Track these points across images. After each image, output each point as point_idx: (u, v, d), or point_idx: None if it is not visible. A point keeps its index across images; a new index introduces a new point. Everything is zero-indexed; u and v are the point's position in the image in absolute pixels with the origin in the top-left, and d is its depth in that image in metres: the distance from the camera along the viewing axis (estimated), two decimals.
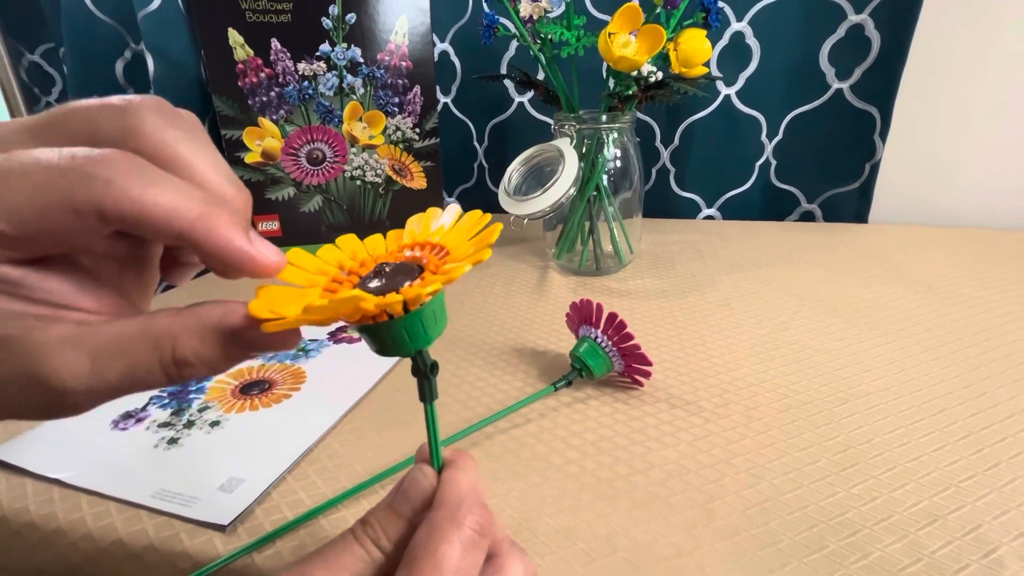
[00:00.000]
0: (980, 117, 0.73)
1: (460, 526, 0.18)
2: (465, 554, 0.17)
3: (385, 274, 0.18)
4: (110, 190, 0.13)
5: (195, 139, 0.16)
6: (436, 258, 0.18)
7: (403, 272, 0.18)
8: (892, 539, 0.26)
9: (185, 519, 0.28)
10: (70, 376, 0.14)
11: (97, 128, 0.14)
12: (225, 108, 0.59)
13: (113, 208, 0.13)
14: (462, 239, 0.19)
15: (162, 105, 0.16)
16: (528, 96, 0.83)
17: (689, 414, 0.36)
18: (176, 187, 0.14)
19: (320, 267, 0.19)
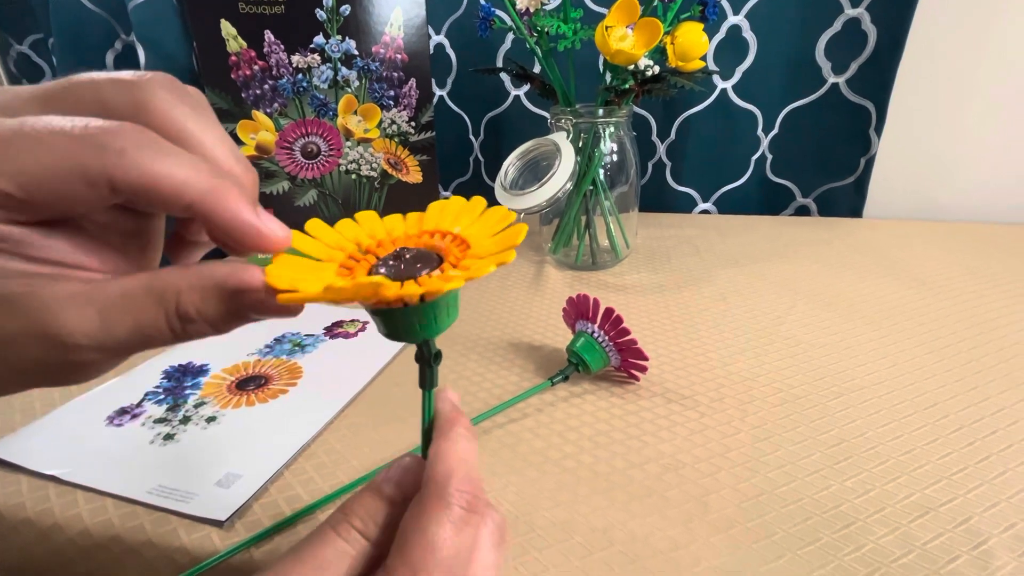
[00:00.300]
0: (974, 112, 0.73)
1: (449, 505, 0.17)
2: (457, 533, 0.17)
3: (404, 259, 0.17)
4: (122, 160, 0.13)
5: (203, 115, 0.16)
6: (457, 250, 0.18)
7: (423, 259, 0.17)
8: (884, 531, 0.26)
9: (182, 515, 0.28)
10: (79, 331, 0.14)
11: (106, 101, 0.14)
12: (218, 101, 0.58)
13: (124, 178, 0.13)
14: (484, 234, 0.18)
15: (171, 81, 0.16)
16: (524, 89, 0.83)
17: (685, 408, 0.36)
18: (187, 160, 0.14)
19: (338, 241, 0.19)
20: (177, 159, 0.14)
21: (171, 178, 0.14)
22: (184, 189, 0.14)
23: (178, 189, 0.14)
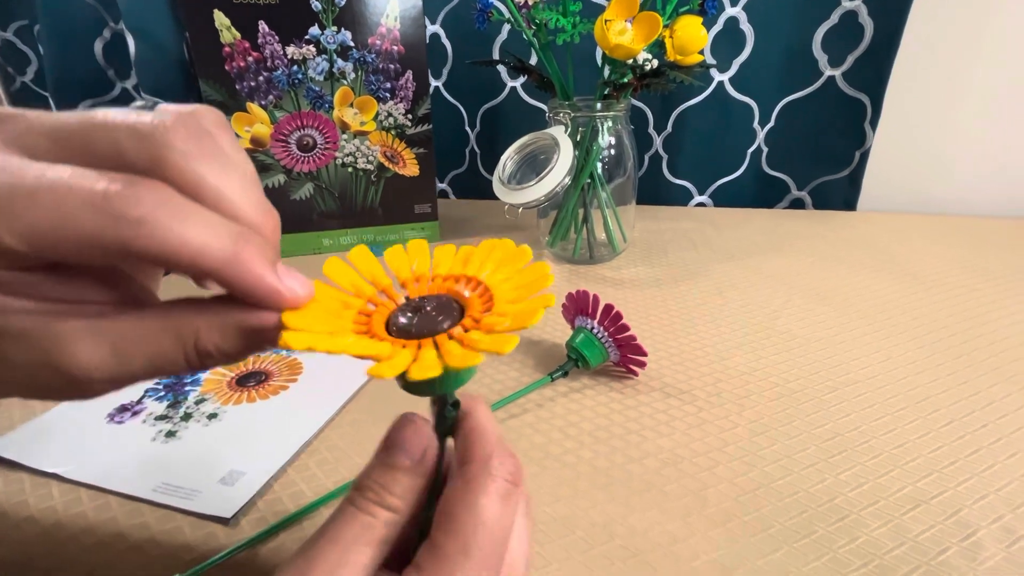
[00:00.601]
0: (969, 107, 0.73)
1: (495, 478, 0.17)
2: (504, 505, 0.17)
3: (424, 312, 0.17)
4: (139, 231, 0.13)
5: (225, 165, 0.15)
6: (479, 301, 0.18)
7: (443, 311, 0.17)
8: (878, 523, 0.27)
9: (187, 512, 0.28)
10: (92, 364, 0.14)
11: (123, 153, 0.14)
12: (212, 93, 0.57)
13: (140, 248, 0.13)
14: (508, 282, 0.18)
15: (191, 126, 0.15)
16: (521, 81, 0.83)
17: (683, 403, 0.37)
18: (205, 223, 0.14)
19: (356, 283, 0.19)
20: (195, 223, 0.14)
21: (188, 246, 0.14)
22: (203, 258, 0.14)
23: (196, 258, 0.14)
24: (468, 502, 0.17)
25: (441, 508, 0.17)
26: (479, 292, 0.19)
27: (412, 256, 0.21)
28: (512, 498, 0.17)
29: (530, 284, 0.18)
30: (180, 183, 0.14)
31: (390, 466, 0.18)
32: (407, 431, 0.18)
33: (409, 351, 0.16)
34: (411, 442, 0.18)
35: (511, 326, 0.16)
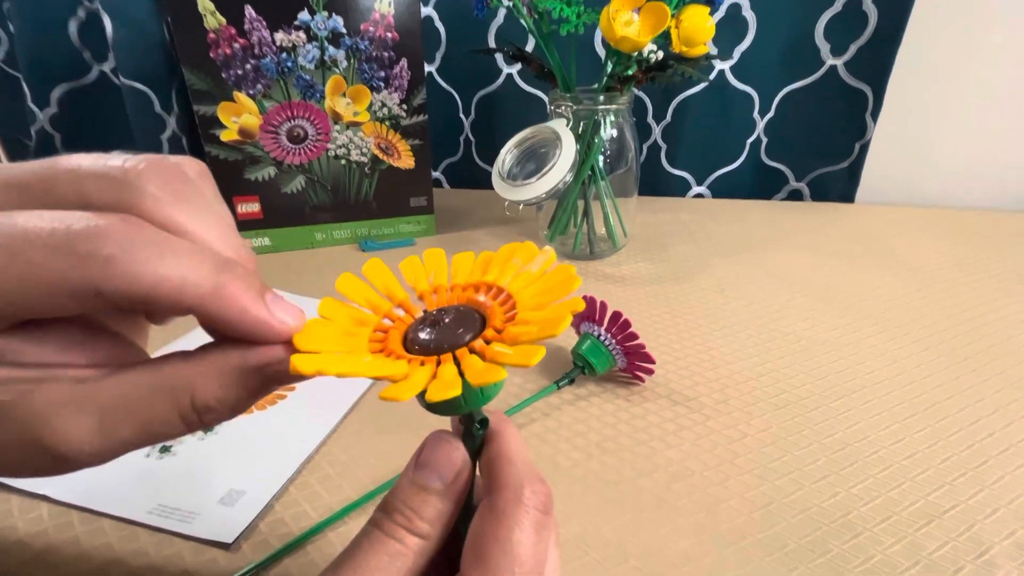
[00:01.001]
0: (972, 99, 0.73)
1: (528, 509, 0.16)
2: (538, 538, 0.16)
3: (443, 324, 0.16)
4: (110, 270, 0.12)
5: (203, 211, 0.14)
6: (501, 310, 0.17)
7: (464, 323, 0.16)
8: (892, 540, 0.27)
9: (186, 537, 0.27)
10: (77, 440, 0.13)
11: (89, 199, 0.13)
12: (197, 81, 0.55)
13: (114, 290, 0.12)
14: (531, 288, 0.17)
15: (165, 170, 0.14)
16: (518, 68, 0.80)
17: (690, 411, 0.36)
18: (183, 253, 0.13)
19: (371, 299, 0.18)
20: (172, 257, 0.13)
21: (167, 283, 0.13)
22: (183, 294, 0.13)
23: (176, 294, 0.13)
24: (501, 537, 0.16)
25: (472, 542, 0.16)
26: (500, 300, 0.18)
27: (429, 266, 0.20)
28: (545, 530, 0.16)
29: (555, 288, 0.17)
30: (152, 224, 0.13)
31: (421, 488, 0.17)
32: (440, 451, 0.17)
33: (427, 368, 0.15)
34: (444, 463, 0.17)
35: (536, 335, 0.15)
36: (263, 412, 0.36)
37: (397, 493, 0.17)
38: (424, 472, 0.17)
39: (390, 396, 0.14)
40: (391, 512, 0.17)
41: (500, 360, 0.14)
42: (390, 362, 0.15)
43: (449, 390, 0.13)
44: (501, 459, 0.17)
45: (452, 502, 0.17)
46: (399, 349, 0.16)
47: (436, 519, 0.17)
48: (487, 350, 0.15)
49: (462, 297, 0.19)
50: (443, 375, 0.14)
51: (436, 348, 0.16)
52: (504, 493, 0.16)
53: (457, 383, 0.14)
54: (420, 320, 0.17)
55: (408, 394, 0.14)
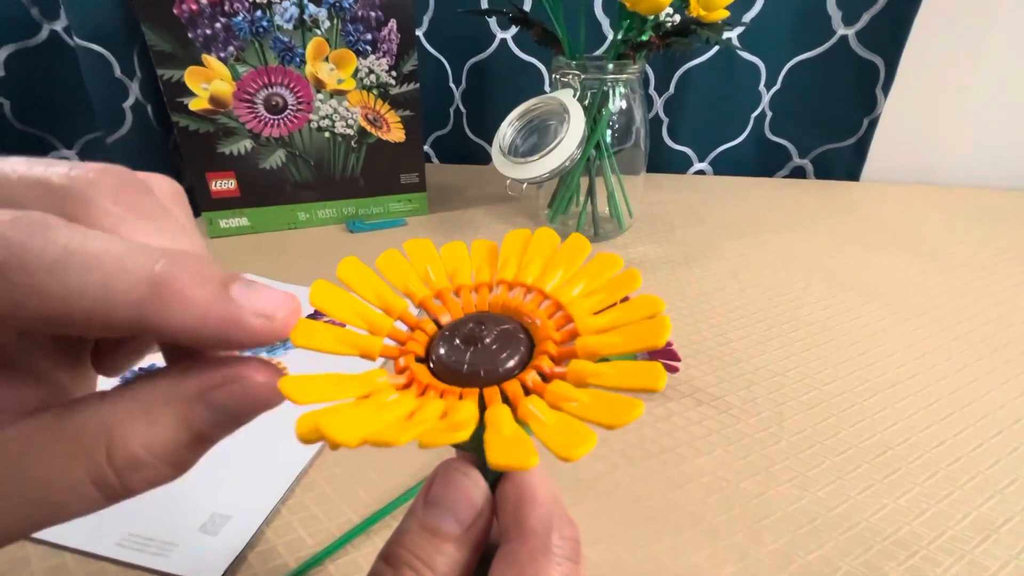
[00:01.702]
0: (988, 73, 0.70)
1: (558, 560, 0.13)
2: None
3: (482, 346, 0.13)
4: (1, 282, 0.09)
5: (168, 234, 0.11)
6: (552, 325, 0.13)
7: (506, 342, 0.13)
8: (950, 560, 0.25)
9: (163, 573, 0.24)
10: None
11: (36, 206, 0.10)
12: (159, 42, 0.49)
13: (9, 308, 0.09)
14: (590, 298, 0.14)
15: (121, 181, 0.11)
16: (512, 32, 0.75)
17: (718, 412, 0.34)
18: (104, 253, 0.09)
19: (377, 292, 0.15)
20: (87, 258, 0.09)
21: (84, 294, 0.09)
22: (110, 305, 0.09)
23: (101, 308, 0.09)
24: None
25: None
26: (547, 310, 0.14)
27: (424, 257, 0.16)
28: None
29: (609, 290, 0.14)
30: None
31: (432, 533, 0.14)
32: (455, 487, 0.14)
33: (467, 408, 0.11)
34: (461, 502, 0.14)
35: (629, 384, 0.11)
36: None
37: (404, 540, 0.14)
38: (436, 513, 0.14)
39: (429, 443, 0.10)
40: (398, 566, 0.13)
41: (583, 416, 0.11)
42: (428, 424, 0.11)
43: (515, 447, 0.10)
44: (524, 497, 0.14)
45: (471, 550, 0.14)
46: (419, 369, 0.13)
47: (452, 572, 0.13)
48: (557, 396, 0.11)
49: (493, 302, 0.15)
50: (498, 425, 0.11)
51: (474, 378, 0.12)
52: (529, 541, 0.13)
53: (521, 437, 0.10)
54: (445, 332, 0.14)
55: (452, 439, 0.10)
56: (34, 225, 0.09)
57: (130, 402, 0.11)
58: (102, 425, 0.10)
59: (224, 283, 0.10)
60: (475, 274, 0.16)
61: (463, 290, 0.15)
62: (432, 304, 0.15)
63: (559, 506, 0.14)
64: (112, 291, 0.09)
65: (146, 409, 0.11)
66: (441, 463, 0.14)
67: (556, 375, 0.12)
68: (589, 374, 0.12)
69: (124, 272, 0.09)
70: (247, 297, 0.11)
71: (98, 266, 0.09)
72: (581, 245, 0.16)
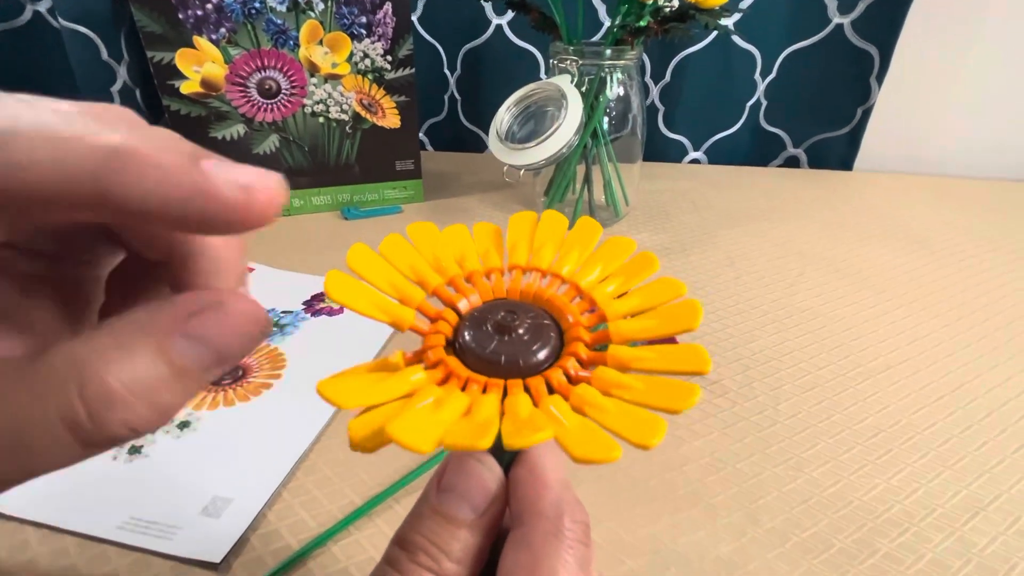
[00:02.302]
0: (982, 64, 0.70)
1: (570, 543, 0.13)
2: (582, 573, 0.13)
3: (511, 337, 0.12)
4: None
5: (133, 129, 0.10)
6: (583, 321, 0.13)
7: (534, 336, 0.13)
8: (940, 537, 0.25)
9: (166, 556, 0.24)
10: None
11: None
12: (148, 23, 0.47)
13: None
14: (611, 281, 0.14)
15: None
16: (507, 18, 0.74)
17: (714, 395, 0.34)
18: (58, 116, 0.09)
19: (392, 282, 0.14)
20: (36, 119, 0.09)
21: (34, 165, 0.08)
22: (64, 170, 0.08)
23: (51, 183, 0.08)
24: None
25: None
26: (568, 294, 0.14)
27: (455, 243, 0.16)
28: (590, 560, 0.14)
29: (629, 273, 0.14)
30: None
31: (448, 519, 0.14)
32: (469, 472, 0.14)
33: (491, 402, 0.11)
34: (475, 488, 0.14)
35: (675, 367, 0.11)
36: (247, 404, 0.32)
37: (418, 526, 0.14)
38: (450, 499, 0.14)
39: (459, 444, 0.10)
40: (413, 551, 0.13)
41: (614, 429, 0.10)
42: (489, 412, 0.11)
43: (534, 433, 0.10)
44: (535, 481, 0.14)
45: (485, 535, 0.14)
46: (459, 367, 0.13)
47: (466, 556, 0.14)
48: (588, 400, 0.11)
49: (520, 290, 0.15)
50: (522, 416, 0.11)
51: (506, 369, 0.12)
52: (541, 525, 0.13)
53: (541, 423, 0.10)
54: (469, 319, 0.13)
55: (481, 441, 0.10)
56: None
57: (105, 337, 0.10)
58: (74, 360, 0.09)
59: (194, 155, 0.09)
60: (483, 259, 0.15)
61: (476, 276, 0.15)
62: (447, 292, 0.15)
63: (569, 491, 0.14)
64: (65, 161, 0.08)
65: (121, 342, 0.09)
66: (450, 458, 0.14)
67: (582, 378, 0.12)
68: (632, 359, 0.12)
69: (79, 141, 0.09)
70: (221, 169, 0.09)
71: (50, 136, 0.08)
72: (592, 228, 0.16)
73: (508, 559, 0.13)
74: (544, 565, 0.13)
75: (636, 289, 0.14)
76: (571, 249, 0.15)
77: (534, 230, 0.16)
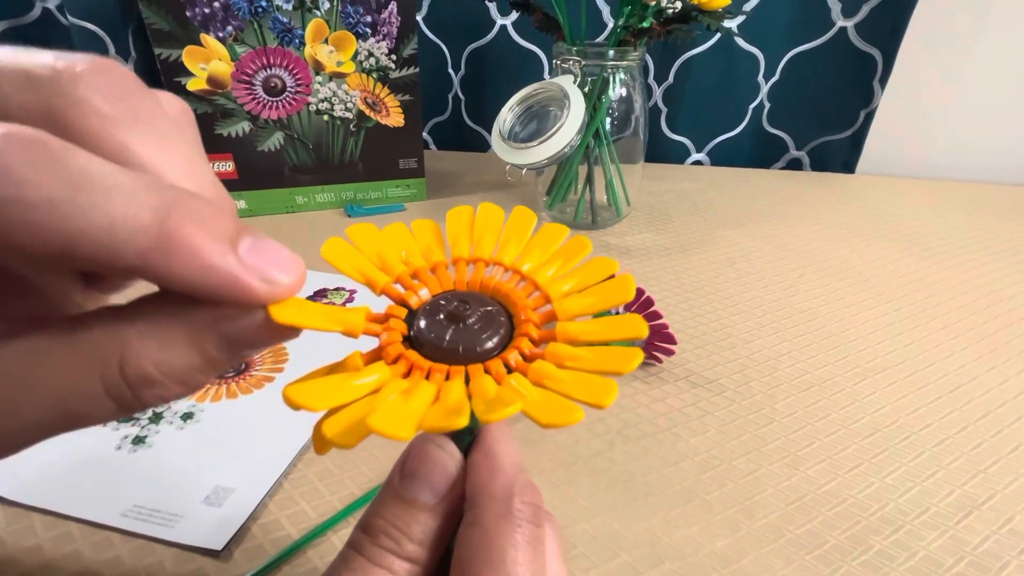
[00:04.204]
0: (985, 68, 0.70)
1: (519, 524, 0.14)
2: (535, 554, 0.14)
3: (459, 328, 0.13)
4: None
5: (163, 137, 0.10)
6: (530, 304, 0.14)
7: (487, 323, 0.13)
8: (933, 535, 0.26)
9: (168, 543, 0.24)
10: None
11: (20, 106, 0.09)
12: (157, 20, 0.48)
13: (5, 245, 0.08)
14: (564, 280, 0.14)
15: (114, 76, 0.10)
16: (512, 19, 0.74)
17: (712, 394, 0.34)
18: (114, 190, 0.09)
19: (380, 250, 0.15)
20: (96, 194, 0.09)
21: (88, 234, 0.09)
22: (114, 250, 0.09)
23: (104, 252, 0.09)
24: (494, 562, 0.13)
25: (459, 569, 0.13)
26: (524, 288, 0.15)
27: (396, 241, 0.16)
28: (542, 544, 0.14)
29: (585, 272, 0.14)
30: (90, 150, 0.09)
31: (408, 503, 0.14)
32: (431, 458, 0.14)
33: (458, 386, 0.12)
34: (436, 473, 0.14)
35: (602, 367, 0.12)
36: (249, 396, 0.33)
37: (380, 510, 0.14)
38: (413, 484, 0.14)
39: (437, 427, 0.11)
40: (375, 534, 0.14)
41: (572, 396, 0.11)
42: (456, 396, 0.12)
43: (505, 407, 0.10)
44: (489, 464, 0.14)
45: (446, 518, 0.14)
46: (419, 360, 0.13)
47: (427, 539, 0.14)
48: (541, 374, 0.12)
49: (471, 281, 0.15)
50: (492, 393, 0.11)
51: (465, 356, 0.13)
52: (492, 506, 0.14)
53: (509, 398, 0.11)
54: (424, 309, 0.14)
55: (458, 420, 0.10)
56: (30, 147, 0.08)
57: (144, 324, 0.10)
58: (116, 341, 0.10)
59: (232, 238, 0.10)
60: (425, 255, 0.16)
61: (422, 271, 0.15)
62: (396, 290, 0.15)
63: (522, 474, 0.15)
64: (117, 236, 0.09)
65: (159, 331, 0.10)
66: (415, 438, 0.15)
67: (536, 355, 0.13)
68: (580, 332, 0.12)
69: (131, 216, 0.09)
70: (255, 257, 0.10)
71: (104, 204, 0.09)
72: (527, 217, 0.16)
73: (461, 540, 0.14)
74: (494, 545, 0.13)
75: (574, 270, 0.14)
76: (509, 239, 0.15)
77: (472, 223, 0.16)
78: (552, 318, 0.14)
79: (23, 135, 0.08)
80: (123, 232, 0.09)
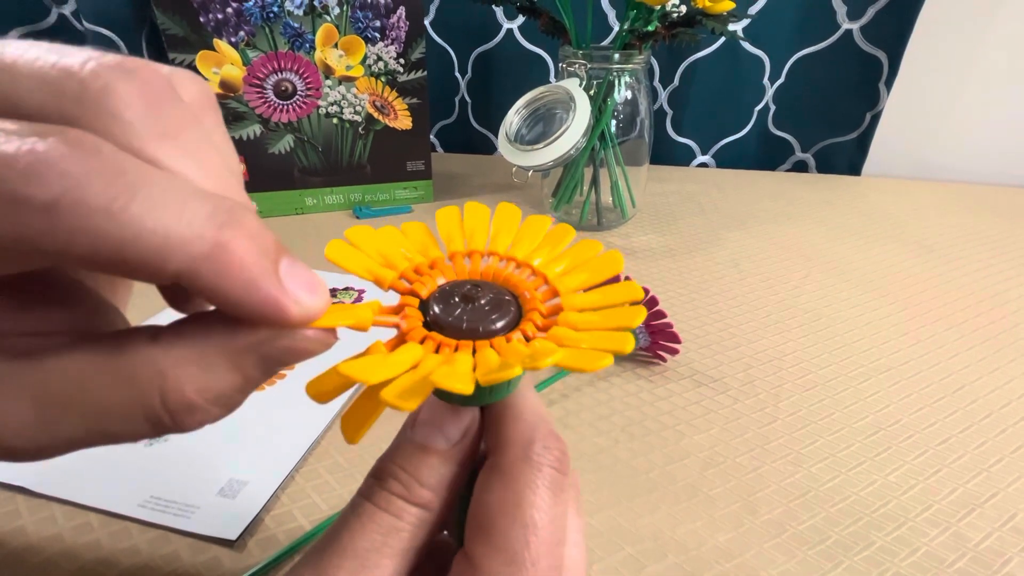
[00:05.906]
0: (991, 70, 0.70)
1: (540, 467, 0.13)
2: (555, 502, 0.13)
3: (474, 307, 0.14)
4: (54, 221, 0.08)
5: (196, 151, 0.11)
6: (539, 295, 0.14)
7: (496, 307, 0.14)
8: (935, 532, 0.26)
9: (184, 532, 0.25)
10: (8, 431, 0.10)
11: (22, 106, 0.09)
12: (171, 25, 0.49)
13: (61, 249, 0.09)
14: (573, 276, 0.15)
15: (144, 83, 0.10)
16: (518, 23, 0.75)
17: (716, 392, 0.35)
18: (170, 198, 0.09)
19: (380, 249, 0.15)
20: (152, 201, 0.09)
21: (143, 240, 0.09)
22: (166, 257, 0.09)
23: (157, 258, 0.09)
24: (510, 503, 0.13)
25: (475, 512, 0.13)
26: (536, 285, 0.15)
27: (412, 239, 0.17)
28: (564, 491, 0.14)
29: (592, 269, 0.15)
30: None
31: (420, 448, 0.14)
32: (444, 408, 0.14)
33: (492, 354, 0.12)
34: (449, 419, 0.14)
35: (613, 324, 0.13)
36: (262, 393, 0.33)
37: (392, 456, 0.14)
38: (425, 430, 0.14)
39: (491, 379, 0.11)
40: (385, 479, 0.14)
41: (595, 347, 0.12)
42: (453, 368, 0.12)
43: (547, 356, 0.11)
44: (507, 413, 0.14)
45: (458, 464, 0.14)
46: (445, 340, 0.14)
47: (439, 485, 0.14)
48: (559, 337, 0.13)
49: (485, 271, 0.16)
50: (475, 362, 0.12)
51: (474, 332, 0.13)
52: (511, 451, 0.13)
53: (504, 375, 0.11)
54: (439, 294, 0.14)
55: (509, 372, 0.11)
56: (89, 152, 0.08)
57: (184, 349, 0.11)
58: (156, 370, 0.10)
59: (275, 259, 0.10)
60: (423, 253, 0.16)
61: (422, 266, 0.16)
62: (402, 284, 0.15)
63: (545, 423, 0.14)
64: (171, 244, 0.09)
65: (200, 356, 0.11)
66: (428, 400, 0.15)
67: (549, 324, 0.14)
68: (578, 322, 0.13)
69: (186, 223, 0.09)
70: (291, 278, 0.11)
71: (159, 210, 0.09)
72: (512, 212, 0.17)
73: (479, 488, 0.14)
74: (511, 489, 0.13)
75: (564, 252, 0.16)
76: (499, 232, 0.16)
77: (461, 222, 0.17)
78: (554, 295, 0.15)
79: (81, 139, 0.09)
80: (176, 239, 0.09)
